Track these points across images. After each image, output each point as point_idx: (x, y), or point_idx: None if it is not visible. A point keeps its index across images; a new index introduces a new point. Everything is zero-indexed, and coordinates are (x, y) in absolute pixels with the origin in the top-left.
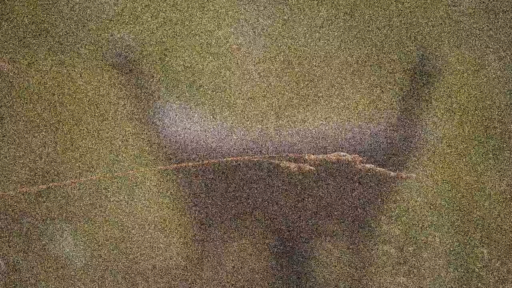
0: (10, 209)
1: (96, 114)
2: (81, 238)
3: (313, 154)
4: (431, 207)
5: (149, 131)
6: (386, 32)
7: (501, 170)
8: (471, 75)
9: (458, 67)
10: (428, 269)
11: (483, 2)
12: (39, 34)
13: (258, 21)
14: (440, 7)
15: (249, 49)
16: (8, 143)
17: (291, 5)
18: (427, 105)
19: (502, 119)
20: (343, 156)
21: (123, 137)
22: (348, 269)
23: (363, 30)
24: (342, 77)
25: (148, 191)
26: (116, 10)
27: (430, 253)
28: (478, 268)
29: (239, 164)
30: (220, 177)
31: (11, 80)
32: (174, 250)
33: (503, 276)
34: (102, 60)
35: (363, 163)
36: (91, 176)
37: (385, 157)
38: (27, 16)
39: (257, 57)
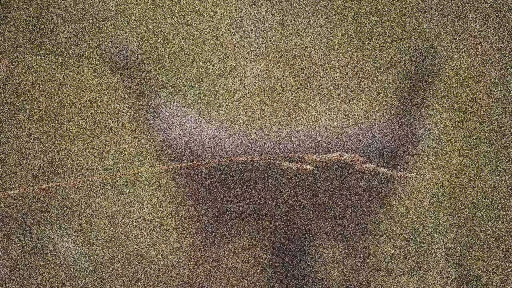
0: (10, 209)
1: (96, 114)
2: (81, 238)
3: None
4: (431, 207)
5: (149, 131)
6: (386, 32)
7: (501, 169)
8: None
9: (458, 67)
10: (428, 269)
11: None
12: (39, 34)
13: (258, 21)
14: (440, 6)
15: (250, 49)
16: (8, 143)
17: (291, 5)
18: (426, 105)
19: (502, 119)
20: (343, 156)
21: (123, 137)
22: (348, 269)
23: (363, 30)
24: (343, 77)
25: (148, 191)
26: (116, 10)
27: (430, 253)
28: (478, 268)
29: (239, 164)
30: (220, 177)
31: (11, 80)
32: (174, 250)
33: (503, 276)
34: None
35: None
36: (91, 176)
37: (385, 157)
38: (27, 16)
39: (258, 58)
